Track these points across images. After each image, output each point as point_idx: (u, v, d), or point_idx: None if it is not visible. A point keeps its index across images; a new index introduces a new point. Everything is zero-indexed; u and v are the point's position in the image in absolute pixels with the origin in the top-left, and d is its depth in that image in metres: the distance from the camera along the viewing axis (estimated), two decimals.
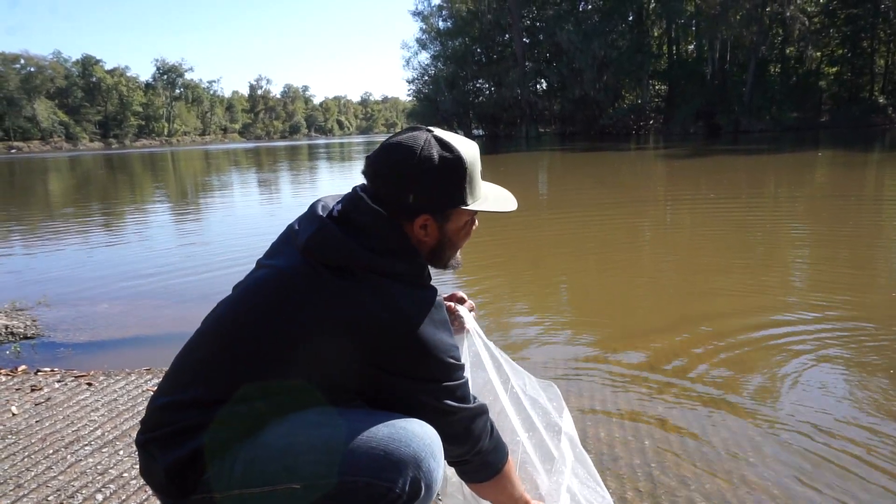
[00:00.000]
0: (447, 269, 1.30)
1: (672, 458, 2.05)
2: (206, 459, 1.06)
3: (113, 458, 2.09)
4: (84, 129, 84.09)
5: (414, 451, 1.04)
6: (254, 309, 1.12)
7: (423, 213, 1.15)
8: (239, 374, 1.08)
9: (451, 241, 1.24)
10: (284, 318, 1.07)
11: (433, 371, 1.11)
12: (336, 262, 1.09)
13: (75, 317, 4.18)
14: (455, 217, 1.20)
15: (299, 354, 1.06)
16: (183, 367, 1.15)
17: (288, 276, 1.11)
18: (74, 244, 7.46)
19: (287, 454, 1.03)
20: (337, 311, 1.05)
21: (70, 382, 2.86)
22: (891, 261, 5.15)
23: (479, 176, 1.22)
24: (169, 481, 1.07)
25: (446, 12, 48.24)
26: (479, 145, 1.25)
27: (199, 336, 1.17)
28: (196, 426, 1.07)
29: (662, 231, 7.02)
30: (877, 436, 2.17)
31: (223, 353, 1.11)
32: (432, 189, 1.14)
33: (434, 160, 1.12)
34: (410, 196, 1.13)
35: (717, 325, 3.51)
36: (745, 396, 2.53)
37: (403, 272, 1.11)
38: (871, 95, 34.62)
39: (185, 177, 22.05)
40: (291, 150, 48.05)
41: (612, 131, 38.22)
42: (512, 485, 1.30)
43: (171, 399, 1.11)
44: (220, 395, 1.08)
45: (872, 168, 13.23)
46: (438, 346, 1.10)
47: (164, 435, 1.08)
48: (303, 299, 1.07)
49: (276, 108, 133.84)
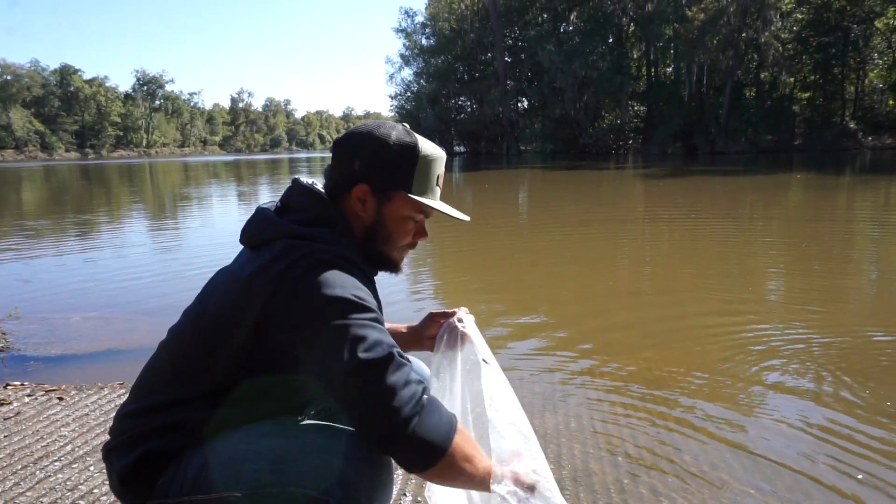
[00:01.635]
0: (381, 266, 1.25)
1: (645, 471, 2.08)
2: (159, 464, 1.08)
3: (83, 474, 2.06)
4: (60, 139, 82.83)
5: (358, 466, 1.02)
6: (189, 312, 1.17)
7: (362, 181, 1.17)
8: (177, 376, 1.12)
9: (388, 228, 1.20)
10: (212, 310, 1.11)
11: (327, 311, 1.00)
12: (258, 241, 1.13)
13: (47, 330, 4.11)
14: (396, 202, 1.19)
15: (221, 338, 1.08)
16: (141, 377, 1.19)
17: (222, 271, 1.17)
18: (47, 256, 7.33)
19: (234, 461, 1.03)
20: (243, 276, 1.08)
21: (40, 397, 2.81)
22: (862, 280, 5.28)
23: (434, 179, 1.22)
24: (122, 486, 1.10)
25: (429, 30, 48.68)
26: (460, 162, 1.26)
27: (158, 346, 1.21)
28: (148, 432, 1.09)
29: (640, 249, 7.11)
30: (849, 448, 2.22)
31: (168, 358, 1.15)
32: (379, 162, 1.17)
33: (390, 138, 1.17)
34: (357, 163, 1.17)
35: (692, 340, 3.56)
36: (719, 409, 2.57)
37: (318, 236, 1.11)
38: (842, 120, 35.59)
39: (163, 188, 21.80)
40: (272, 163, 47.81)
41: (591, 150, 38.70)
42: (470, 462, 1.04)
43: (130, 408, 1.15)
44: (167, 399, 1.11)
45: (844, 190, 13.58)
46: (333, 284, 1.02)
47: (121, 443, 1.11)
48: (226, 286, 1.11)
49: (257, 121, 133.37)
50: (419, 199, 1.18)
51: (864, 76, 36.26)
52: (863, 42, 34.47)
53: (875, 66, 36.18)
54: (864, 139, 32.80)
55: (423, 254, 6.44)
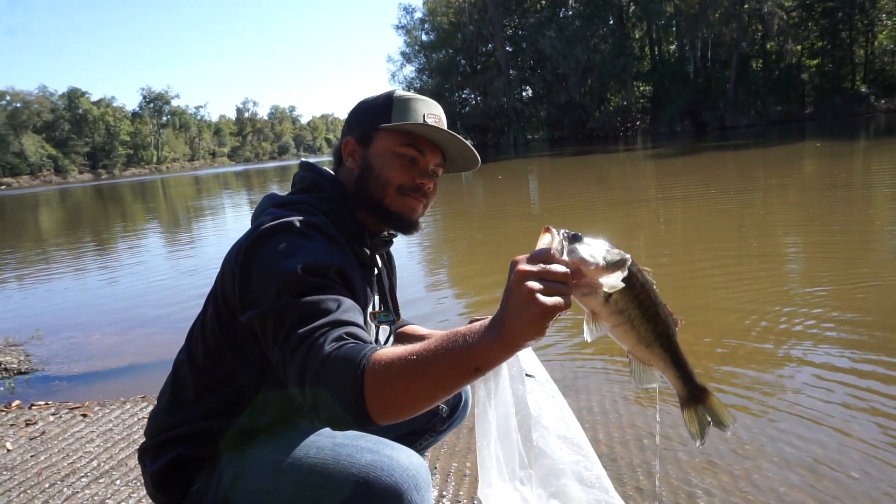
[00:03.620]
0: (388, 221, 1.18)
1: (671, 455, 2.05)
2: (192, 470, 1.07)
3: (110, 489, 2.07)
4: (73, 162, 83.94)
5: (396, 482, 0.96)
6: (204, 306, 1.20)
7: (348, 135, 1.22)
8: (197, 372, 1.13)
9: (375, 169, 1.16)
10: (211, 299, 1.15)
11: (267, 273, 0.96)
12: (256, 218, 1.15)
13: (69, 349, 4.15)
14: (377, 140, 1.17)
15: (223, 327, 1.09)
16: (167, 377, 1.20)
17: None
18: (67, 277, 7.43)
19: (269, 473, 1.02)
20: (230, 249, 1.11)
21: (65, 415, 2.84)
22: (883, 250, 5.17)
23: (419, 116, 1.16)
24: (157, 489, 1.11)
25: (429, 25, 48.56)
26: None
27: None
28: (178, 436, 1.09)
29: (656, 228, 7.03)
30: (879, 429, 2.17)
31: (188, 353, 1.17)
32: (358, 114, 1.23)
33: (369, 97, 1.24)
34: (345, 125, 1.25)
35: (713, 320, 3.51)
36: (745, 390, 2.53)
37: (299, 200, 1.14)
38: (852, 85, 34.95)
39: (177, 203, 22.01)
40: (281, 170, 48.07)
41: (599, 134, 38.42)
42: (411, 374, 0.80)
43: (159, 407, 1.17)
44: (191, 396, 1.12)
45: (860, 157, 13.33)
46: (281, 248, 0.98)
47: (153, 445, 1.12)
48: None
49: (263, 129, 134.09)
50: (395, 124, 1.15)
51: (874, 38, 35.53)
52: (869, 3, 33.76)
53: (884, 27, 35.44)
54: (877, 102, 32.19)
55: (441, 243, 6.41)
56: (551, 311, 0.73)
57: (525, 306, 0.74)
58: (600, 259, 0.79)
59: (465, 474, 1.99)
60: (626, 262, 0.81)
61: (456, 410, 1.51)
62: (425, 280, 5.19)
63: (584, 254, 0.79)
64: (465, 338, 0.78)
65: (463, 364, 0.78)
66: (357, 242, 1.16)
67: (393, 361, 0.79)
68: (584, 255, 0.79)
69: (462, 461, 2.08)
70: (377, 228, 1.21)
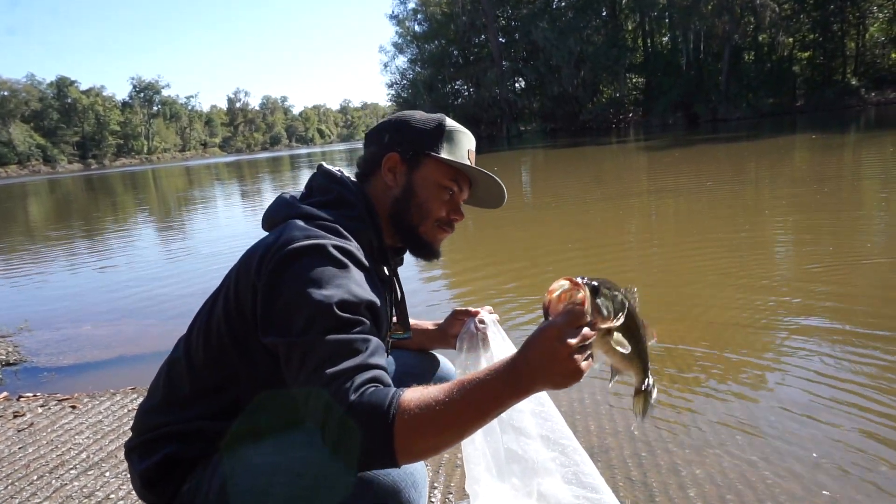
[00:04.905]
0: (416, 248, 1.21)
1: (661, 445, 2.06)
2: (184, 469, 1.05)
3: (99, 481, 2.06)
4: (62, 151, 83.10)
5: (393, 480, 0.97)
6: (205, 304, 1.15)
7: (392, 150, 1.16)
8: (194, 373, 1.10)
9: (419, 196, 1.16)
10: (221, 301, 1.09)
11: (299, 300, 0.93)
12: (273, 224, 1.11)
13: (58, 340, 4.12)
14: (427, 166, 1.16)
15: (230, 330, 1.06)
16: (161, 371, 1.17)
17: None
18: (56, 267, 7.37)
19: (263, 474, 1.00)
20: (243, 257, 1.07)
21: (53, 406, 2.82)
22: (873, 238, 5.21)
23: (465, 152, 1.20)
24: (145, 488, 1.09)
25: (421, 16, 48.30)
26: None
27: (178, 341, 1.19)
28: (170, 434, 1.07)
29: (648, 221, 7.05)
30: (864, 418, 2.19)
31: (185, 352, 1.13)
32: (407, 129, 1.17)
33: (417, 114, 1.20)
34: (386, 136, 1.18)
35: (703, 312, 3.52)
36: (732, 382, 2.55)
37: (327, 217, 1.07)
38: (843, 78, 35.09)
39: (167, 193, 21.86)
40: (273, 161, 47.81)
41: (592, 126, 38.43)
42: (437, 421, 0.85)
43: (150, 403, 1.14)
44: (187, 395, 1.09)
45: (850, 149, 13.40)
46: (313, 273, 0.94)
47: (143, 442, 1.10)
48: (235, 271, 1.09)
49: (255, 120, 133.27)
50: (450, 158, 1.16)
51: (865, 31, 35.67)
52: None
53: (875, 20, 35.57)
54: (868, 95, 32.34)
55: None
56: (584, 371, 0.85)
57: (561, 365, 0.84)
58: (611, 309, 0.90)
59: (457, 465, 1.99)
60: (626, 305, 0.92)
61: None
62: (414, 268, 5.17)
63: (602, 309, 0.88)
64: (493, 387, 0.85)
65: (490, 412, 0.87)
66: (380, 262, 1.17)
67: (422, 411, 0.84)
68: (603, 311, 0.88)
69: (453, 452, 2.08)
70: (397, 244, 1.23)
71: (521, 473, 1.20)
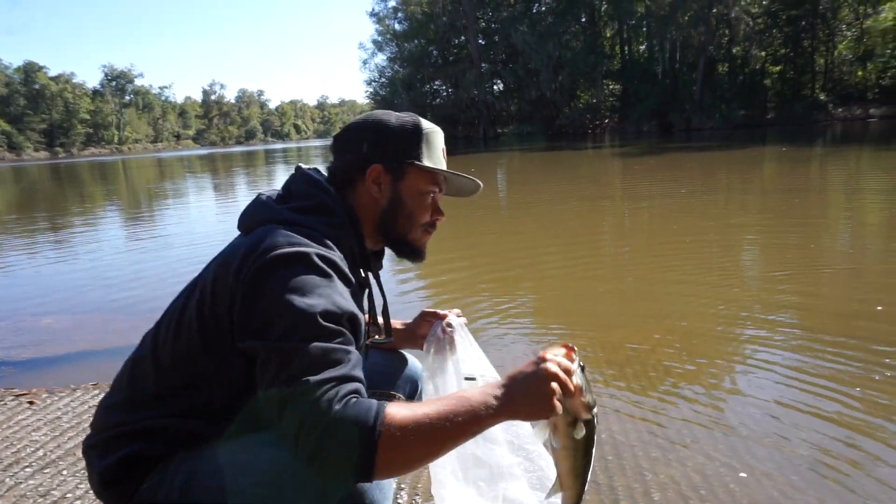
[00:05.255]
0: (404, 253, 1.22)
1: (628, 449, 2.07)
2: (145, 467, 1.02)
3: (56, 479, 2.00)
4: (28, 139, 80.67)
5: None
6: (174, 304, 1.12)
7: (375, 161, 1.14)
8: (161, 374, 1.06)
9: (407, 205, 1.17)
10: (193, 301, 1.05)
11: (281, 306, 0.92)
12: (249, 226, 1.08)
13: (17, 333, 4.00)
14: (411, 175, 1.16)
15: (201, 331, 1.03)
16: (125, 368, 1.13)
17: (212, 261, 1.11)
18: (15, 258, 7.15)
19: (228, 472, 0.98)
20: (219, 261, 1.05)
21: (10, 402, 2.73)
22: (837, 246, 5.35)
23: (440, 152, 1.21)
24: (104, 488, 1.06)
25: (402, 14, 48.18)
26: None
27: (143, 337, 1.15)
28: (132, 433, 1.04)
29: (621, 226, 7.14)
30: (826, 421, 2.24)
31: (152, 351, 1.09)
32: (388, 139, 1.15)
33: (391, 117, 1.18)
34: (365, 145, 1.15)
35: (670, 313, 3.57)
36: (699, 384, 2.58)
37: (308, 223, 1.04)
38: (812, 93, 35.99)
39: (136, 185, 21.41)
40: (248, 155, 47.21)
41: (568, 131, 38.73)
42: (423, 433, 0.86)
43: (112, 400, 1.10)
44: (150, 394, 1.06)
45: (817, 162, 13.75)
46: (297, 281, 0.93)
47: (102, 440, 1.06)
48: (211, 274, 1.05)
49: (230, 113, 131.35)
50: (433, 166, 1.17)
51: (833, 48, 36.64)
52: (831, 14, 34.80)
53: (844, 38, 36.55)
54: (835, 110, 33.21)
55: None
56: (557, 411, 0.92)
57: (543, 399, 0.91)
58: (588, 394, 0.98)
59: (424, 467, 1.98)
60: (595, 405, 1.00)
61: (413, 397, 1.49)
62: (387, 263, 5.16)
63: (582, 384, 0.96)
64: (476, 408, 0.89)
65: (470, 432, 0.90)
66: (362, 267, 1.17)
67: (407, 426, 0.85)
68: (583, 385, 0.96)
69: None
70: (377, 247, 1.23)
71: (486, 478, 1.20)
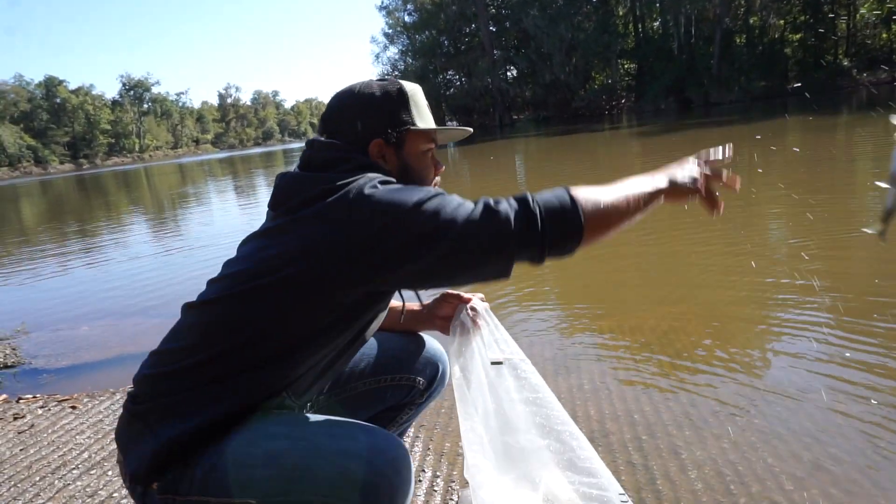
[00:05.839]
0: None
1: (662, 429, 2.07)
2: (168, 457, 1.02)
3: (101, 480, 2.06)
4: (53, 152, 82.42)
5: (376, 468, 0.96)
6: (220, 277, 1.12)
7: (373, 138, 1.16)
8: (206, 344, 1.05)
9: (413, 168, 1.20)
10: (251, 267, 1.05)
11: (398, 207, 0.99)
12: (298, 200, 1.06)
13: (56, 341, 4.11)
14: (410, 141, 1.19)
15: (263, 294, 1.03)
16: (165, 342, 1.12)
17: (252, 235, 1.12)
18: (51, 269, 7.33)
19: (243, 466, 0.98)
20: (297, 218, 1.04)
21: (53, 407, 2.82)
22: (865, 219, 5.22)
23: (426, 108, 1.23)
24: (148, 471, 1.04)
25: (411, 6, 47.99)
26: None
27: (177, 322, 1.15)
28: (165, 410, 1.03)
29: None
30: (864, 398, 2.21)
31: (189, 325, 1.10)
32: (380, 113, 1.17)
33: (373, 88, 1.18)
34: (359, 123, 1.16)
35: (700, 298, 3.54)
36: (730, 366, 2.56)
37: (365, 174, 1.08)
38: (835, 59, 35.04)
39: (161, 191, 21.75)
40: (266, 156, 47.61)
41: (585, 113, 38.31)
42: (606, 204, 1.08)
43: (155, 370, 1.08)
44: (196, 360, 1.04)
45: (842, 130, 13.41)
46: (404, 193, 1.02)
47: (146, 410, 1.05)
48: (271, 238, 1.06)
49: (247, 115, 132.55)
50: (427, 127, 1.20)
51: (855, 11, 35.58)
52: None
53: (866, 0, 35.49)
54: (860, 76, 32.33)
55: None
56: (699, 192, 1.24)
57: (693, 181, 1.24)
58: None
59: (459, 454, 2.00)
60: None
61: (434, 381, 1.48)
62: None
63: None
64: (648, 181, 1.18)
65: (647, 199, 1.16)
66: None
67: (593, 196, 1.07)
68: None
69: (455, 441, 2.09)
70: None
71: (519, 459, 1.20)
